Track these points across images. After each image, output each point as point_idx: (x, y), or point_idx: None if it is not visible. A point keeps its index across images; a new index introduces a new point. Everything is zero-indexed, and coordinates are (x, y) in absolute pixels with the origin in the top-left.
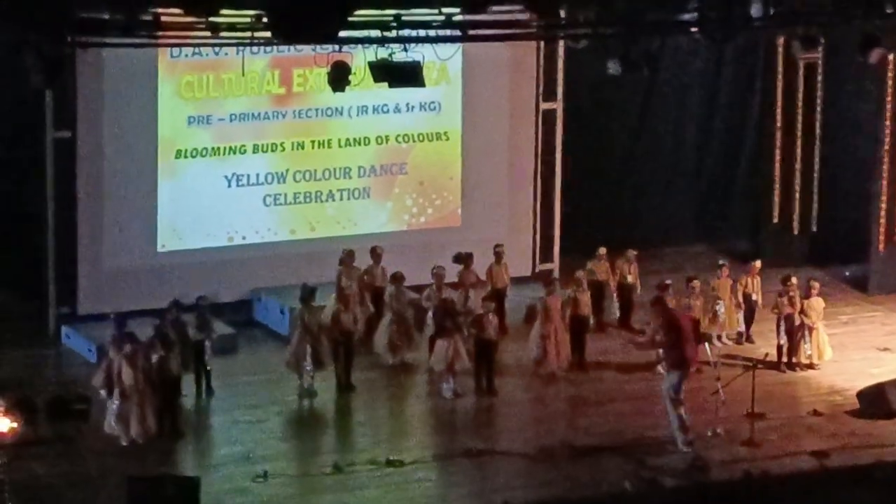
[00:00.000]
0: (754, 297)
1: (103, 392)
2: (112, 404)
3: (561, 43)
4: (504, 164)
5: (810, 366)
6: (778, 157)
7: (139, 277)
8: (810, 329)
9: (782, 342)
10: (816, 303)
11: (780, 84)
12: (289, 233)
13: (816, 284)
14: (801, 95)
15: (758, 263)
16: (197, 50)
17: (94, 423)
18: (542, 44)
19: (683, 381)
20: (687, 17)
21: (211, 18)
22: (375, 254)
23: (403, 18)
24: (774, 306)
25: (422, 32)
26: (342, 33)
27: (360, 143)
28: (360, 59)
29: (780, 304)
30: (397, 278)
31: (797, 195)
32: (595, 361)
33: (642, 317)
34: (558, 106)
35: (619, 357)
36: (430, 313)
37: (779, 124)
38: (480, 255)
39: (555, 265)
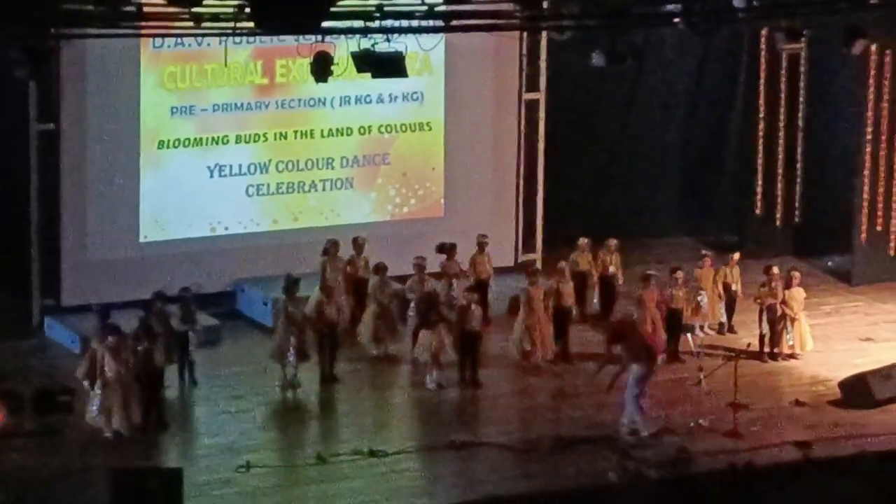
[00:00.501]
0: (734, 287)
1: (86, 383)
2: (95, 396)
3: (544, 33)
4: (487, 154)
5: (792, 356)
6: (761, 148)
7: (122, 268)
8: (792, 319)
9: (764, 332)
10: (798, 293)
11: (763, 75)
12: (271, 223)
13: (797, 274)
14: (784, 86)
15: (736, 255)
16: (180, 41)
17: (78, 415)
18: (525, 34)
19: (650, 375)
20: (671, 8)
21: (193, 9)
22: (357, 244)
23: (386, 8)
24: (757, 296)
25: (404, 23)
26: (325, 24)
27: (342, 134)
28: (342, 49)
29: (762, 294)
30: (380, 269)
31: (780, 186)
32: (578, 352)
33: (624, 308)
34: (541, 96)
35: (602, 348)
36: (412, 304)
37: (762, 115)
38: (463, 246)
39: (537, 255)
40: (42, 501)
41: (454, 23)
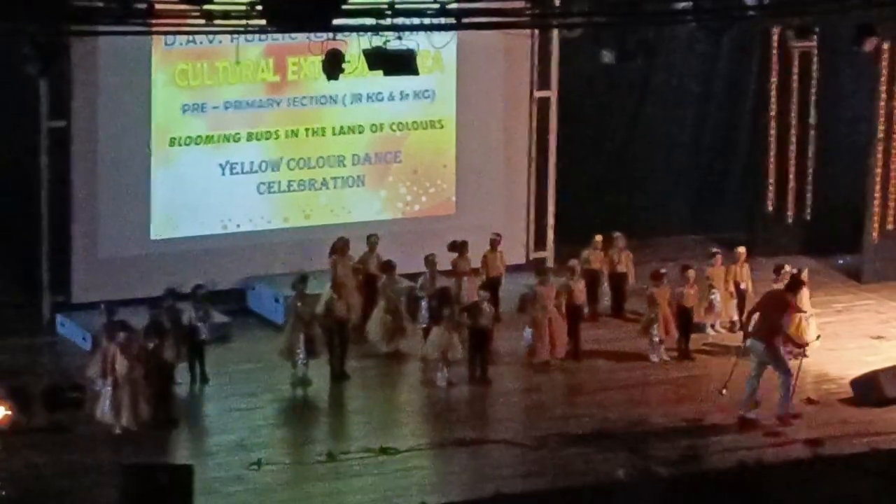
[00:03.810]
0: (743, 285)
1: (99, 382)
2: (105, 392)
3: (555, 31)
4: (498, 152)
5: (802, 354)
6: (772, 146)
7: (133, 266)
8: (807, 317)
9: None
10: (803, 291)
11: (774, 73)
12: (283, 221)
13: (804, 273)
14: (795, 85)
15: (742, 249)
16: (191, 38)
17: (88, 412)
18: (536, 32)
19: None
20: (682, 6)
21: (205, 6)
22: (370, 242)
23: (398, 6)
24: None
25: (416, 20)
26: (336, 21)
27: (354, 132)
28: (354, 47)
29: None
30: (387, 267)
31: (791, 184)
32: (589, 350)
33: (635, 306)
34: (553, 94)
35: (612, 346)
36: (423, 302)
37: (773, 113)
38: (474, 244)
39: (549, 253)
40: (52, 497)
41: (466, 20)
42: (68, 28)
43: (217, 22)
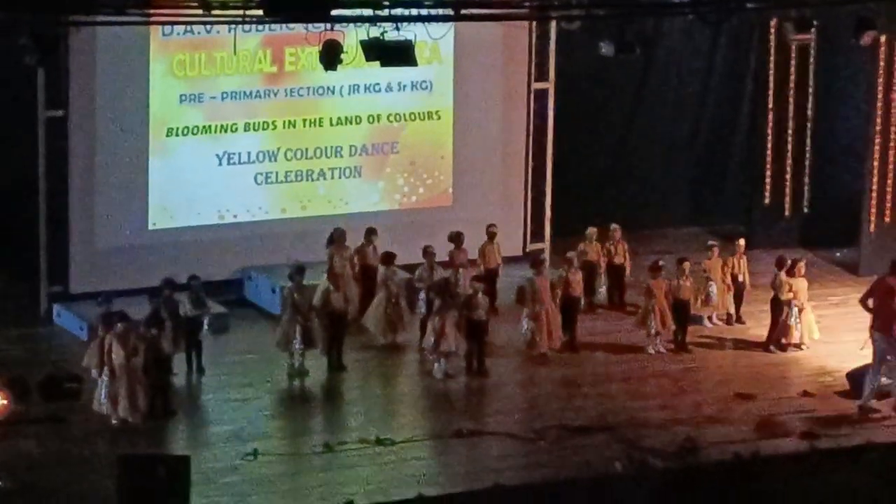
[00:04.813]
0: (741, 278)
1: (94, 372)
2: (102, 382)
3: (553, 22)
4: (496, 143)
5: (799, 346)
6: (770, 139)
7: (131, 256)
8: (800, 309)
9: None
10: (802, 282)
11: (772, 66)
12: (280, 211)
13: (802, 264)
14: (793, 77)
15: (741, 242)
16: (189, 28)
17: (85, 402)
18: (534, 23)
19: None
20: None
21: None
22: (369, 234)
23: None
24: (778, 288)
25: (414, 11)
26: (334, 12)
27: (351, 122)
28: (352, 37)
29: (780, 284)
30: (387, 258)
31: (789, 177)
32: (586, 342)
33: (632, 298)
34: (550, 86)
35: (610, 338)
36: (421, 293)
37: (771, 106)
38: (471, 235)
39: (546, 245)
40: (49, 488)
41: (464, 11)
42: (66, 18)
43: (215, 12)
